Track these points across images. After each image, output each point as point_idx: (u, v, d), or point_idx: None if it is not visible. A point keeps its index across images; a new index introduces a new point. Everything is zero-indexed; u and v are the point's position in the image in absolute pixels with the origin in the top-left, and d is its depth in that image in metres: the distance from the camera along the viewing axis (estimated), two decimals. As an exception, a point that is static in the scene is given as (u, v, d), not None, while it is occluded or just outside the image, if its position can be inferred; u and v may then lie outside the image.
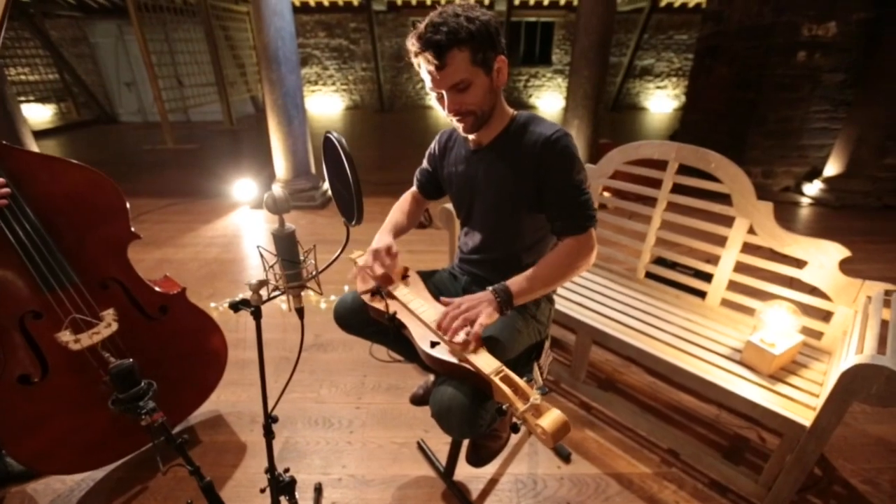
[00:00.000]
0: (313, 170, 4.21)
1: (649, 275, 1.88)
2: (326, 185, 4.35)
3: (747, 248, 1.59)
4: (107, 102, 9.38)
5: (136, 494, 1.44)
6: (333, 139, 0.83)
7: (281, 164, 4.03)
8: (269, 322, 2.34)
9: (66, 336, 1.21)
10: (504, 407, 0.77)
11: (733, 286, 1.63)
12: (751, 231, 1.56)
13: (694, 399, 1.78)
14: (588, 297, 1.78)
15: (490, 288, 1.00)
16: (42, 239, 1.15)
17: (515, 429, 0.80)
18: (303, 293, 0.91)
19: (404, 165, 4.99)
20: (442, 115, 1.07)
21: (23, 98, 8.81)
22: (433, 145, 1.30)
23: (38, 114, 9.23)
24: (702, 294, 1.72)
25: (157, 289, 1.43)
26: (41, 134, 7.97)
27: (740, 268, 1.62)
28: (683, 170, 1.70)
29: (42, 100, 9.21)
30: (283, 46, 3.61)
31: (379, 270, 1.16)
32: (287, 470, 1.10)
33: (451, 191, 1.27)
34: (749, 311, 1.60)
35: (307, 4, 9.09)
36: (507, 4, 8.87)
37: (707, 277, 1.71)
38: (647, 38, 9.50)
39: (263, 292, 0.85)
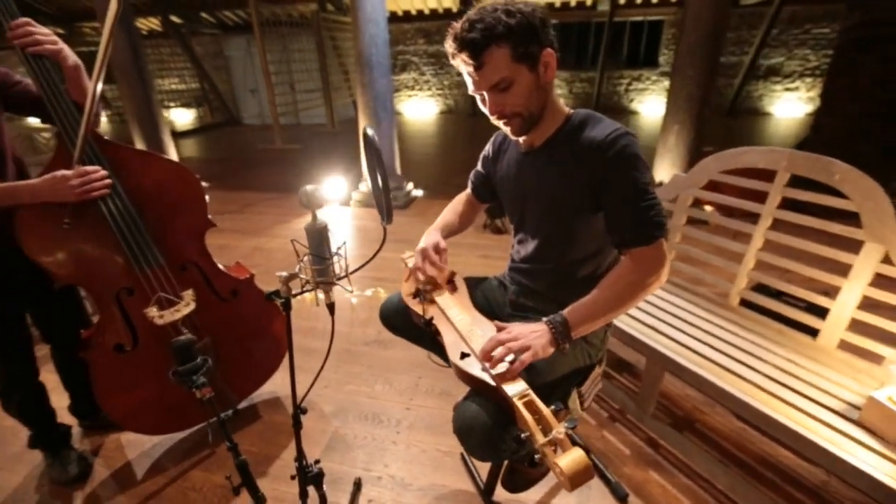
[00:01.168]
0: (398, 170, 4.35)
1: (745, 303, 1.61)
2: (410, 186, 4.48)
3: (879, 280, 1.28)
4: (234, 107, 10.66)
5: (204, 458, 1.58)
6: (369, 136, 0.81)
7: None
8: (336, 315, 2.43)
9: (152, 312, 1.35)
10: (523, 436, 0.68)
11: (856, 326, 1.33)
12: (886, 260, 1.26)
13: (795, 457, 1.49)
14: (663, 319, 1.58)
15: (545, 319, 0.90)
16: (135, 223, 1.30)
17: (533, 462, 0.71)
18: (372, 290, 0.90)
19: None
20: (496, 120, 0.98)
21: (171, 104, 10.39)
22: (487, 147, 1.24)
23: (182, 117, 10.80)
24: (813, 332, 1.43)
25: (229, 273, 1.54)
26: (182, 134, 9.31)
27: (867, 304, 1.31)
28: (797, 182, 1.43)
29: (186, 105, 10.78)
30: (376, 52, 3.77)
31: (430, 270, 1.13)
32: (318, 461, 1.11)
33: (504, 196, 1.19)
34: (876, 358, 1.29)
35: (409, 13, 9.47)
36: (610, 4, 8.41)
37: (822, 312, 1.41)
38: (775, 34, 8.37)
39: (295, 285, 0.86)
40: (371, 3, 3.63)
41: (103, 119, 11.09)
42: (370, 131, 0.83)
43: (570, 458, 0.62)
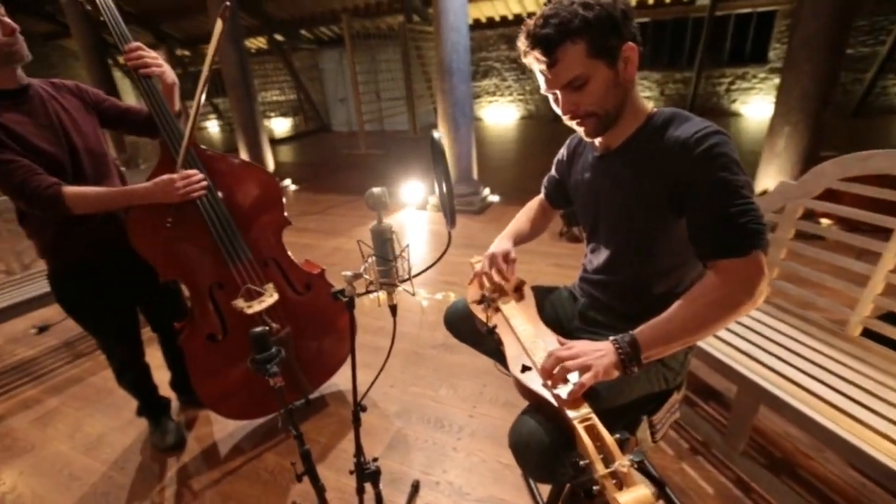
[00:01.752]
0: (475, 175, 4.36)
1: (869, 333, 1.37)
2: (486, 191, 4.46)
3: None
4: (325, 115, 11.44)
5: (278, 443, 1.69)
6: (435, 139, 0.80)
7: (445, 169, 4.28)
8: (406, 316, 2.49)
9: (240, 303, 1.46)
10: (581, 462, 0.63)
11: None
12: None
13: (930, 523, 1.23)
14: (760, 345, 1.39)
15: (612, 338, 0.81)
16: (227, 221, 1.43)
17: (589, 493, 0.65)
18: (442, 293, 0.91)
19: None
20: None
21: (272, 114, 11.45)
22: (562, 150, 1.18)
23: (280, 126, 11.83)
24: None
25: (303, 269, 1.65)
26: (279, 141, 10.18)
27: None
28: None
29: (284, 114, 11.81)
30: (457, 59, 3.82)
31: (496, 277, 1.10)
32: (376, 459, 1.13)
33: (577, 202, 1.12)
34: None
35: (492, 20, 9.50)
36: (711, -3, 7.74)
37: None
38: (922, 20, 7.13)
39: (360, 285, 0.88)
40: (454, 11, 3.69)
41: (216, 127, 12.52)
42: (437, 134, 0.82)
43: (633, 497, 0.55)
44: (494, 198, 4.56)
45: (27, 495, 1.56)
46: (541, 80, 0.88)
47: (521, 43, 0.86)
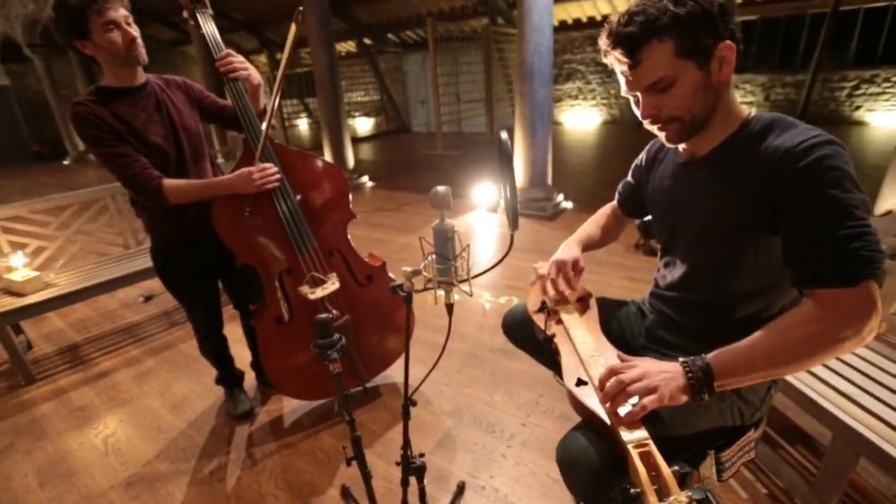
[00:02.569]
0: (549, 180, 4.25)
1: None
2: (560, 197, 4.34)
3: None
4: (406, 116, 11.82)
5: (334, 424, 1.77)
6: (501, 139, 0.79)
7: (520, 172, 4.21)
8: (468, 318, 2.49)
9: (305, 289, 1.55)
10: (633, 491, 0.58)
11: None
12: None
13: None
14: (865, 387, 1.19)
15: (682, 359, 0.73)
16: (297, 212, 1.52)
17: (637, 525, 0.60)
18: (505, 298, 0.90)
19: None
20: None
21: (356, 113, 12.06)
22: (641, 155, 1.10)
23: (363, 125, 12.43)
24: None
25: (365, 261, 1.72)
26: (360, 140, 10.68)
27: None
28: None
29: (367, 114, 12.40)
30: (539, 61, 3.75)
31: (562, 285, 1.07)
32: (422, 455, 1.14)
33: (653, 211, 1.04)
34: None
35: (579, 21, 9.21)
36: (836, -9, 6.87)
37: None
38: None
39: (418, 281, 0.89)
40: (538, 12, 3.63)
41: (305, 125, 13.42)
42: (504, 135, 0.81)
43: (686, 536, 0.50)
44: (568, 204, 4.41)
45: (123, 441, 1.78)
46: (622, 80, 0.83)
47: (603, 41, 0.80)
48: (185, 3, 1.46)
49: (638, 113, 0.84)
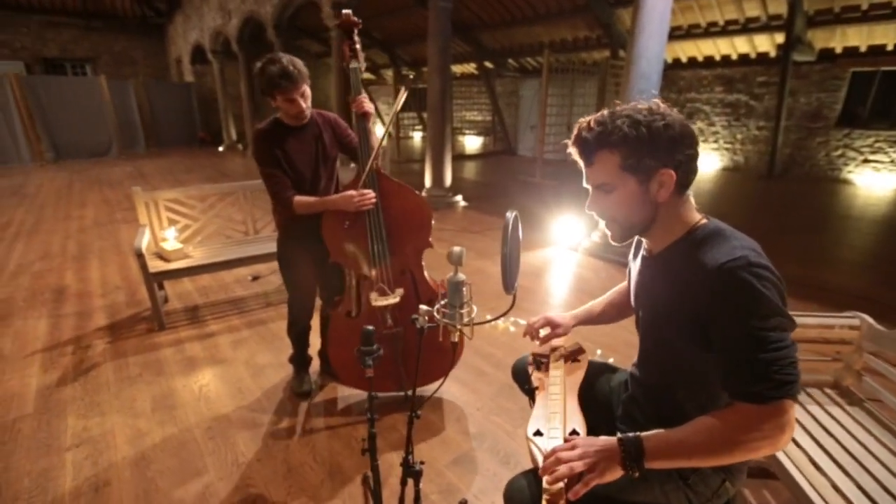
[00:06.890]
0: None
1: None
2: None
3: None
4: (514, 139, 12.06)
5: (375, 419, 2.01)
6: (507, 219, 0.96)
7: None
8: (509, 347, 2.60)
9: (374, 296, 1.83)
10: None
11: None
12: None
13: None
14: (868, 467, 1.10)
15: (619, 436, 0.80)
16: (380, 232, 1.82)
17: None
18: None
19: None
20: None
21: (468, 132, 12.62)
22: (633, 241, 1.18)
23: (472, 143, 12.95)
24: None
25: (431, 285, 1.95)
26: (466, 157, 11.14)
27: None
28: None
29: (477, 134, 12.89)
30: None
31: (534, 335, 1.25)
32: (422, 462, 1.31)
33: (631, 293, 1.12)
34: None
35: (711, 59, 8.67)
36: None
37: None
38: None
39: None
40: (647, 59, 3.60)
41: (419, 137, 14.33)
42: (510, 215, 0.97)
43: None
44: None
45: (213, 393, 2.22)
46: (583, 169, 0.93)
47: (570, 139, 0.92)
48: (345, 56, 1.84)
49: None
